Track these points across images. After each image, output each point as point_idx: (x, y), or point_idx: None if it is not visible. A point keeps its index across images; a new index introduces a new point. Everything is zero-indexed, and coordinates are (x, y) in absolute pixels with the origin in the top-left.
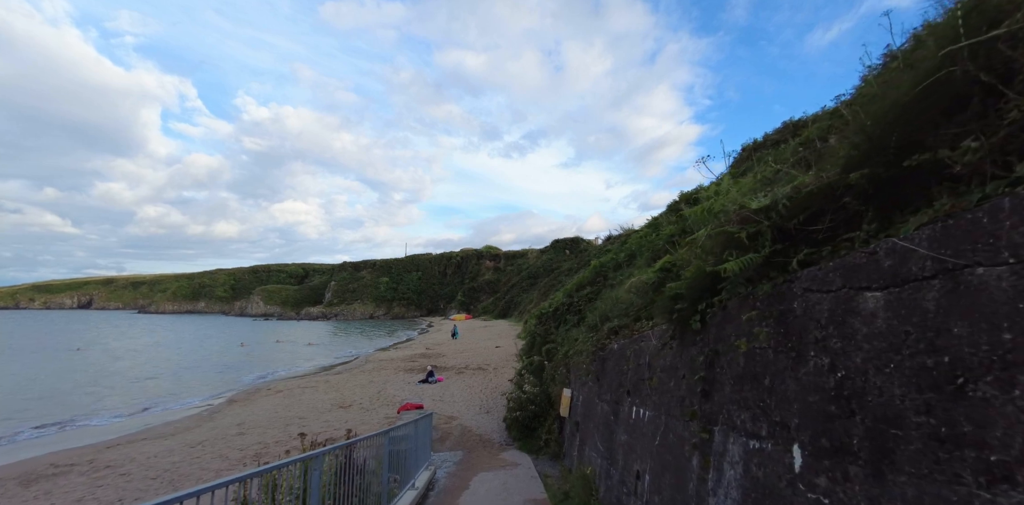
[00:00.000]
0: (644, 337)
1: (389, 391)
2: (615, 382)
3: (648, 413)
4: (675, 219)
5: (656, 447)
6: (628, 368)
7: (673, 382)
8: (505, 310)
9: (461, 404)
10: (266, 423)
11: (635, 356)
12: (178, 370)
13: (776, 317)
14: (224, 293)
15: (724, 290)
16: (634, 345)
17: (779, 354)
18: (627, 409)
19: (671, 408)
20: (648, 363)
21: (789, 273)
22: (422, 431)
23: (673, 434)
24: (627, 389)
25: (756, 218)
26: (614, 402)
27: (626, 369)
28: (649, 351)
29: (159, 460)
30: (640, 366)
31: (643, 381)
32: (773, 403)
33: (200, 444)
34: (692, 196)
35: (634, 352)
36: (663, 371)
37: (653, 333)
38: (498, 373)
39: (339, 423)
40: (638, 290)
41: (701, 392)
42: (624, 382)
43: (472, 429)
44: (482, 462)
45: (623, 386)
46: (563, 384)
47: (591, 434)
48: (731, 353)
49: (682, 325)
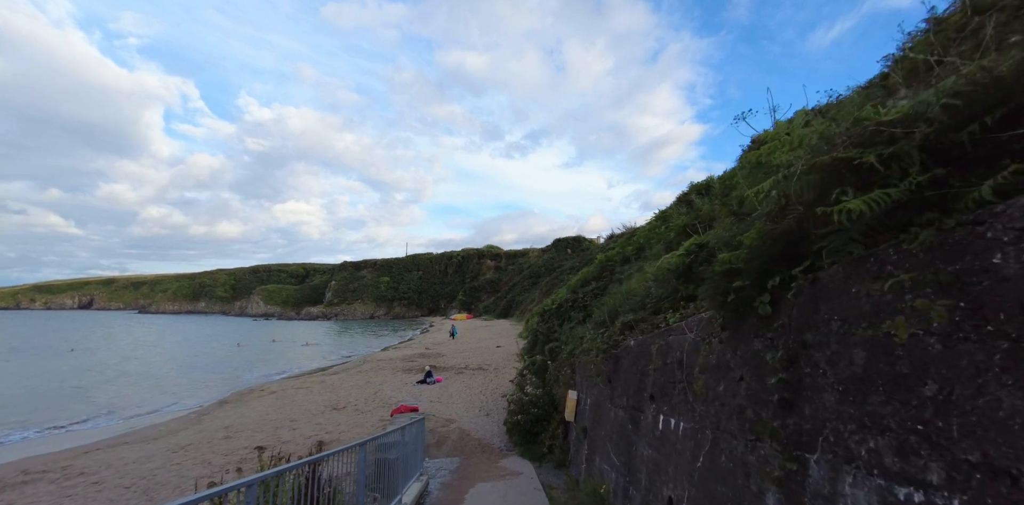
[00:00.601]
0: (674, 330)
1: (386, 392)
2: (633, 385)
3: (684, 425)
4: (685, 210)
5: (699, 470)
6: (651, 368)
7: (724, 386)
8: (506, 310)
9: (460, 406)
10: (255, 426)
11: (661, 354)
12: (170, 371)
13: (948, 283)
14: (224, 293)
15: (818, 254)
16: (659, 340)
17: (966, 343)
18: (651, 418)
19: (721, 420)
20: (681, 362)
21: (966, 210)
22: (413, 437)
23: (726, 456)
24: (650, 394)
25: (891, 133)
26: (632, 408)
27: (649, 370)
28: (684, 347)
29: (137, 466)
30: (668, 365)
31: (673, 384)
32: (954, 427)
33: (183, 448)
34: (703, 186)
35: (660, 349)
36: (707, 372)
37: (688, 324)
38: (499, 373)
39: (331, 426)
40: (659, 278)
41: (779, 402)
42: (646, 385)
43: (471, 433)
44: (480, 470)
45: (644, 390)
46: (568, 386)
47: (602, 443)
48: (837, 343)
49: (739, 310)
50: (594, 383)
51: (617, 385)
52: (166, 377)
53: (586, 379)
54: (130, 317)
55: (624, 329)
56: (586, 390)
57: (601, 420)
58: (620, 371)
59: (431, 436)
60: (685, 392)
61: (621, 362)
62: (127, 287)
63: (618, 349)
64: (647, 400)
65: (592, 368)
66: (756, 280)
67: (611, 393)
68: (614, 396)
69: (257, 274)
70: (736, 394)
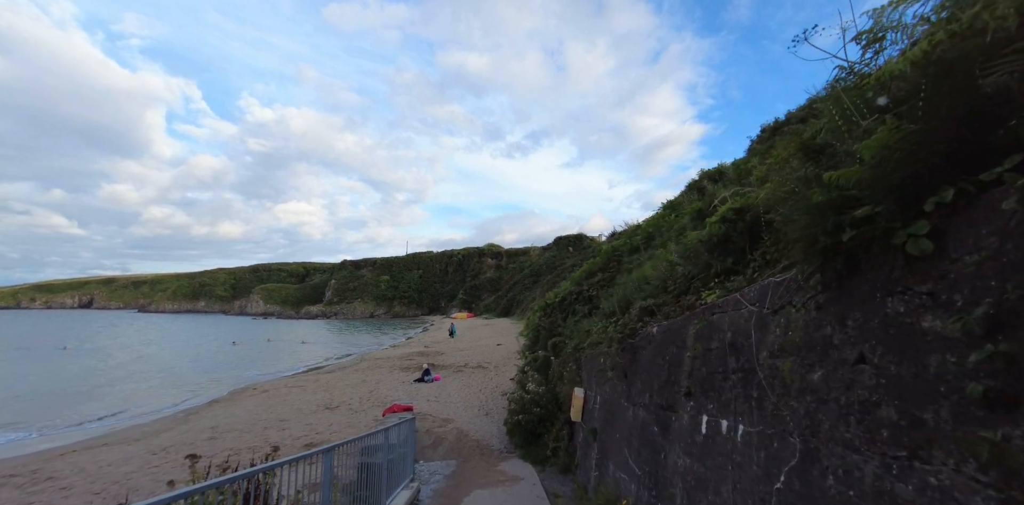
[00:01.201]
0: (721, 307)
1: (382, 391)
2: (659, 379)
3: (746, 429)
4: (697, 197)
5: (779, 493)
6: (687, 357)
7: (822, 373)
8: (507, 308)
9: (458, 405)
10: (243, 426)
11: (702, 338)
12: (163, 369)
13: None
14: (224, 292)
15: None
16: (697, 322)
17: None
18: (687, 419)
19: (820, 424)
20: (736, 345)
21: None
22: (402, 439)
23: (837, 478)
24: (686, 389)
25: None
26: (659, 407)
27: (683, 359)
28: (740, 325)
29: (111, 470)
30: (714, 352)
31: (723, 375)
32: None
33: (164, 450)
34: (715, 173)
35: (699, 332)
36: (787, 355)
37: (746, 295)
38: (499, 371)
39: (323, 426)
40: (687, 254)
41: (991, 396)
42: (678, 378)
43: (469, 434)
44: (478, 475)
45: (676, 384)
46: (573, 383)
47: (617, 447)
48: None
49: (854, 258)
50: (605, 379)
51: (635, 380)
52: (157, 376)
53: (595, 375)
54: (129, 316)
55: (643, 315)
56: (595, 387)
57: (615, 421)
58: (639, 363)
59: (427, 437)
60: (746, 384)
61: (640, 353)
62: (127, 286)
63: (636, 338)
64: (681, 397)
65: (604, 361)
66: (895, 204)
67: (627, 390)
68: (631, 393)
69: (257, 273)
70: (851, 384)
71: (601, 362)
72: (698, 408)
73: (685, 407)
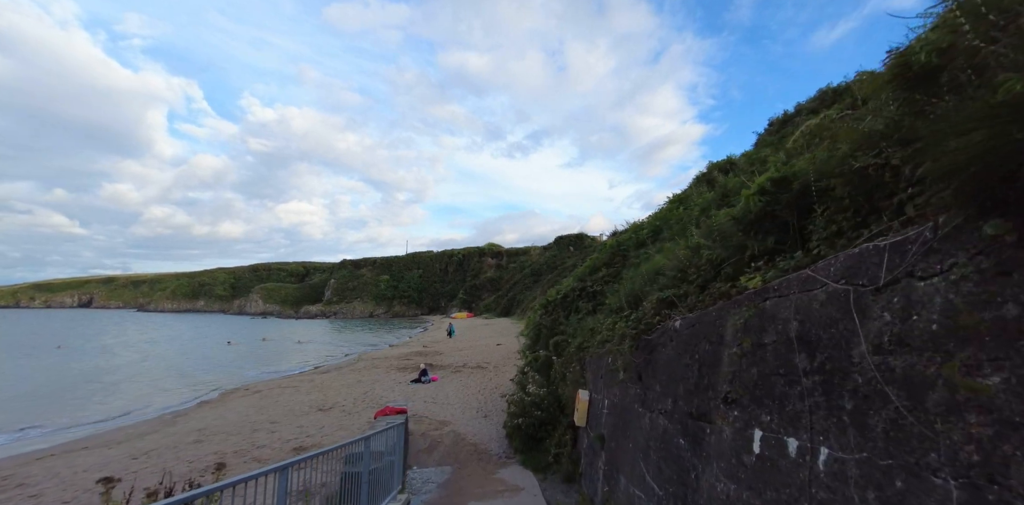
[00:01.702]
0: (782, 288)
1: (377, 392)
2: (686, 381)
3: (834, 455)
4: (706, 189)
5: None
6: (729, 355)
7: (1004, 379)
8: (507, 308)
9: (456, 407)
10: (232, 428)
11: (751, 331)
12: (155, 369)
13: None
14: (224, 292)
15: None
16: (741, 311)
17: None
18: (730, 433)
19: (1007, 465)
20: (808, 338)
21: None
22: (389, 447)
23: None
24: (725, 395)
25: None
26: (688, 416)
27: (721, 358)
28: (813, 312)
29: (87, 476)
30: (769, 348)
31: (791, 378)
32: None
33: (145, 454)
34: (724, 165)
35: (746, 324)
36: (922, 350)
37: (824, 270)
38: (499, 372)
39: (314, 428)
40: (714, 236)
41: None
42: (713, 381)
43: (466, 437)
44: (474, 484)
45: (712, 388)
46: (577, 385)
47: (631, 459)
48: None
49: None
50: (614, 381)
51: (653, 383)
52: (149, 375)
53: (603, 376)
54: (128, 315)
55: (660, 308)
56: (602, 389)
57: (627, 428)
58: (657, 363)
59: (422, 440)
60: (829, 392)
61: (659, 351)
62: (126, 286)
63: (652, 334)
64: (719, 404)
65: (612, 361)
66: None
67: (642, 393)
68: (647, 397)
69: (257, 273)
70: None
71: (609, 362)
72: (747, 419)
73: (726, 417)
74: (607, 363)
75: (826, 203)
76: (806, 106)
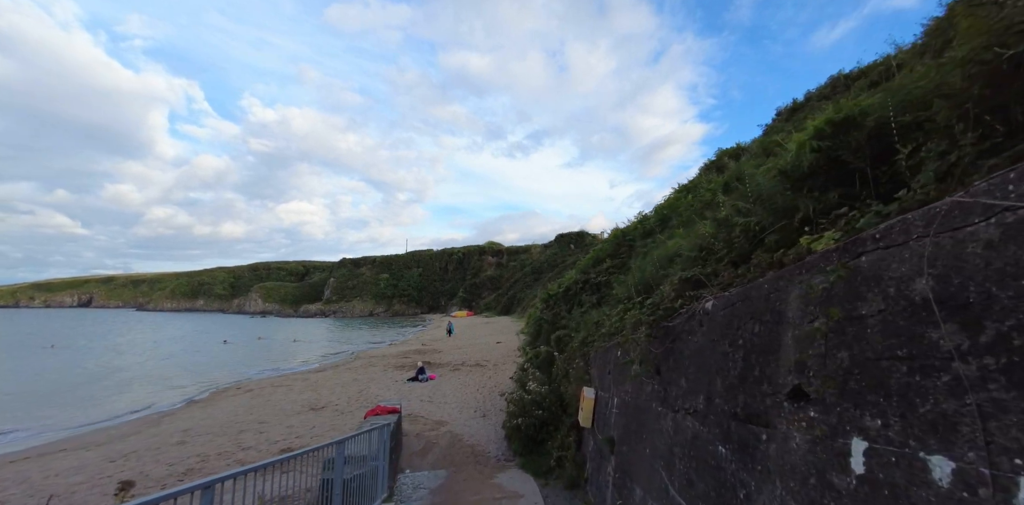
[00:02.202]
0: (899, 231)
1: (373, 390)
2: (725, 373)
3: None
4: (716, 176)
5: None
6: (798, 336)
7: None
8: (508, 307)
9: (453, 406)
10: (218, 429)
11: (838, 299)
12: (148, 368)
13: None
14: (223, 291)
15: None
16: (822, 272)
17: None
18: (802, 441)
19: None
20: (984, 301)
21: None
22: (373, 451)
23: None
24: (788, 389)
25: None
26: (730, 417)
27: (781, 340)
28: (970, 258)
29: (58, 480)
30: (874, 323)
31: (926, 365)
32: None
33: (124, 457)
34: (734, 152)
35: (829, 292)
36: None
37: (996, 189)
38: (498, 370)
39: (304, 428)
40: (755, 197)
41: None
42: (770, 371)
43: (463, 438)
44: (470, 490)
45: (768, 381)
46: (581, 382)
47: (648, 467)
48: None
49: None
50: (626, 376)
51: (676, 376)
52: (141, 375)
53: (611, 371)
54: (127, 315)
55: (684, 289)
56: (611, 386)
57: (643, 431)
58: (682, 354)
59: (416, 441)
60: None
61: (684, 340)
62: (126, 285)
63: (675, 320)
64: (780, 402)
65: (624, 354)
66: None
67: (662, 390)
68: (669, 394)
69: (256, 272)
70: None
71: (618, 356)
72: (835, 424)
73: (796, 419)
74: (615, 357)
75: (916, 139)
76: (816, 93)
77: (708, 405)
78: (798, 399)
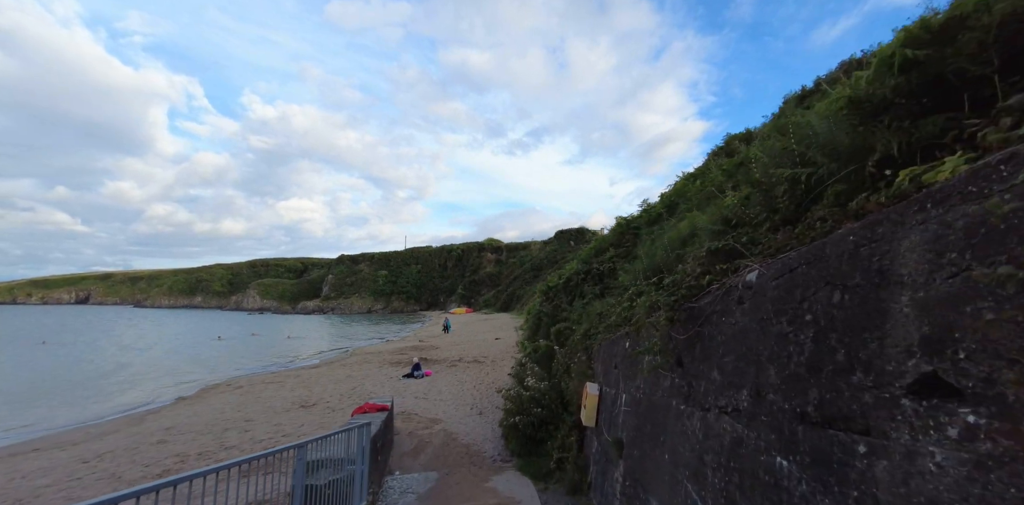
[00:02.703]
0: None
1: (367, 387)
2: (781, 362)
3: None
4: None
5: None
6: (904, 303)
7: None
8: (507, 303)
9: (449, 403)
10: (202, 427)
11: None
12: (140, 365)
13: None
14: (221, 287)
15: None
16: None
17: None
18: (960, 463)
19: None
20: None
21: None
22: (350, 454)
23: None
24: (912, 381)
25: None
26: (797, 419)
27: (883, 311)
28: None
29: (24, 483)
30: None
31: None
32: None
33: (99, 457)
34: (744, 137)
35: (1007, 228)
36: None
37: None
38: (496, 366)
39: (292, 427)
40: (810, 141)
41: None
42: (867, 357)
43: (458, 437)
44: (463, 495)
45: (858, 370)
46: (584, 377)
47: (668, 476)
48: None
49: None
50: (636, 369)
51: (706, 368)
52: (132, 371)
53: (619, 365)
54: (124, 311)
55: (713, 262)
56: (618, 382)
57: (661, 433)
58: (714, 341)
59: (408, 440)
60: None
61: (716, 323)
62: (124, 282)
63: (703, 300)
64: (897, 400)
65: (633, 345)
66: None
67: (686, 384)
68: (696, 391)
69: (254, 269)
70: None
71: (626, 348)
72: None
73: (924, 425)
74: (623, 349)
75: None
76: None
77: (756, 402)
78: (934, 395)
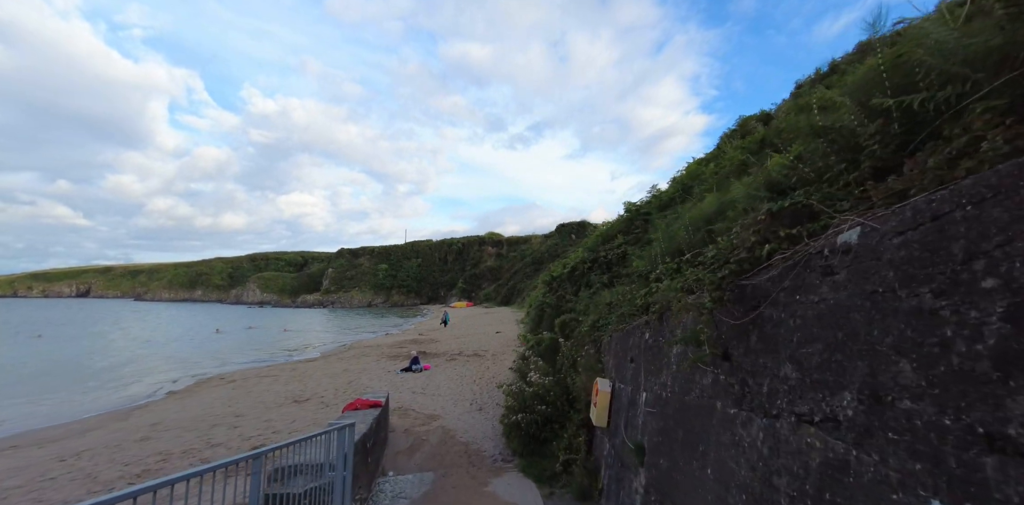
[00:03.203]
0: None
1: (363, 382)
2: (939, 356)
3: None
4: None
5: None
6: None
7: None
8: (508, 297)
9: (447, 399)
10: (189, 423)
11: None
12: (134, 358)
13: None
14: (221, 281)
15: None
16: None
17: None
18: None
19: None
20: None
21: None
22: (331, 458)
23: None
24: None
25: None
26: (967, 440)
27: None
28: None
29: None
30: None
31: None
32: None
33: (77, 455)
34: (761, 117)
35: None
36: None
37: None
38: (497, 360)
39: (283, 423)
40: (940, 48)
41: None
42: None
43: (456, 434)
44: (459, 500)
45: None
46: (592, 372)
47: (712, 497)
48: None
49: None
50: (663, 363)
51: (772, 363)
52: (126, 365)
53: (639, 357)
54: (124, 305)
55: (776, 226)
56: (639, 378)
57: (699, 441)
58: (784, 326)
59: (404, 438)
60: None
61: (786, 304)
62: (124, 275)
63: (762, 276)
64: None
65: (656, 336)
66: None
67: (738, 383)
68: (753, 391)
69: (255, 262)
70: None
71: (646, 339)
72: None
73: None
74: (643, 341)
75: None
76: (842, 61)
77: (873, 411)
78: None
